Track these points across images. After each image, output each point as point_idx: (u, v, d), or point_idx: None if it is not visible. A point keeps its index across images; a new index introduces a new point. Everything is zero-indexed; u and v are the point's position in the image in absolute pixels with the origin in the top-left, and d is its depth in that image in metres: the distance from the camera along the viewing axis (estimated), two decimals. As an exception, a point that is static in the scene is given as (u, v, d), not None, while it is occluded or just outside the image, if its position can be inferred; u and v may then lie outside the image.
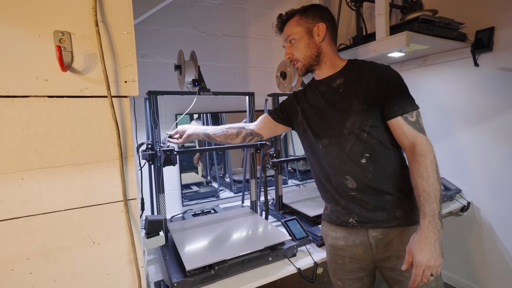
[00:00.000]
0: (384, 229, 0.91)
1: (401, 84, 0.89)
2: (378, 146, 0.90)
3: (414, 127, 0.85)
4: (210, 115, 1.78)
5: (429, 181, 0.80)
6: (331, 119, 0.96)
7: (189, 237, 1.12)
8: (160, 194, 1.16)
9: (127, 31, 0.72)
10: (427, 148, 0.83)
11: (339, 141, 0.94)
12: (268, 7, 1.96)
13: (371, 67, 0.93)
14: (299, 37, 0.98)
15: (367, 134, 0.90)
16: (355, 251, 0.96)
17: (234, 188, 1.87)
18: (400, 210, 0.90)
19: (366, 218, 0.92)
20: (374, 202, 0.91)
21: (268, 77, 1.97)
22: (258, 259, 1.00)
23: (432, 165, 0.81)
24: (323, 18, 0.98)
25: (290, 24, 1.01)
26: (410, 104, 0.87)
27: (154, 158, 1.13)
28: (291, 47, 1.01)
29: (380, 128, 0.91)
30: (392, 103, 0.87)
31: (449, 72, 1.72)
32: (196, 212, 1.48)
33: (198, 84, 1.17)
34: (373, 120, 0.90)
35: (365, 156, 0.91)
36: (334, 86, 0.97)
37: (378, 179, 0.90)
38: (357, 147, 0.91)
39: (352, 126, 0.91)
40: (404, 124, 0.86)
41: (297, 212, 1.40)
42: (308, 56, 0.98)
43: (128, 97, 0.75)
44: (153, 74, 1.59)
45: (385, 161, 0.91)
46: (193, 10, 1.69)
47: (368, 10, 2.06)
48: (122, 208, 0.74)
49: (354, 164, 0.92)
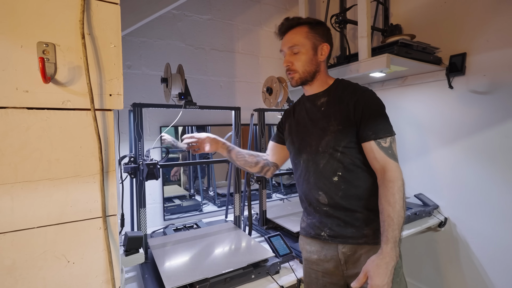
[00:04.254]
0: (352, 246, 0.92)
1: (378, 109, 0.91)
2: (351, 166, 0.93)
3: (386, 152, 0.87)
4: (195, 128, 1.77)
5: (395, 208, 0.82)
6: (311, 136, 1.00)
7: (170, 253, 1.09)
8: (141, 208, 1.13)
9: (114, 45, 0.72)
10: (396, 174, 0.85)
11: (315, 158, 0.98)
12: (256, 24, 2.01)
13: (353, 89, 0.96)
14: (305, 50, 0.98)
15: (341, 154, 0.93)
16: (326, 265, 0.98)
17: (218, 201, 1.85)
18: (368, 228, 0.92)
19: (337, 233, 0.94)
20: (345, 218, 0.93)
21: (254, 92, 1.99)
22: (241, 276, 0.98)
23: (399, 192, 0.83)
24: (328, 38, 1.01)
25: (298, 32, 0.99)
26: (384, 129, 0.88)
27: (136, 172, 1.11)
28: (291, 55, 1.00)
29: (354, 149, 0.93)
30: (366, 127, 0.89)
31: (426, 92, 1.82)
32: (178, 227, 1.44)
33: (184, 97, 1.16)
34: (347, 141, 0.92)
35: (338, 174, 0.94)
36: (318, 104, 1.01)
37: (348, 197, 0.93)
38: (330, 165, 0.95)
39: (327, 145, 0.94)
40: (376, 148, 0.88)
41: (281, 228, 1.39)
42: (307, 71, 0.99)
43: (112, 110, 0.73)
44: (138, 85, 1.58)
45: (357, 180, 0.93)
46: (181, 24, 1.71)
47: (352, 31, 2.16)
48: (100, 225, 0.71)
49: (327, 181, 0.95)
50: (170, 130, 1.72)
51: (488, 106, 1.52)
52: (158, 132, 1.62)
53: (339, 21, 1.84)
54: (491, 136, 1.52)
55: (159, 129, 1.62)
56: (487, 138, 1.54)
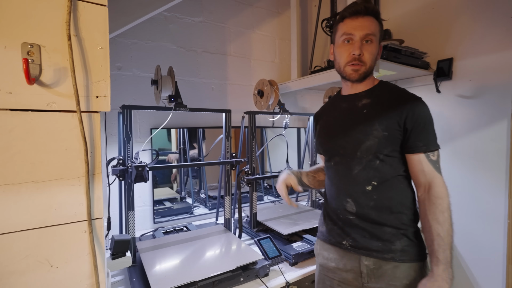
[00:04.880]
0: (377, 260, 0.85)
1: (429, 121, 0.84)
2: (388, 176, 0.86)
3: (434, 166, 0.82)
4: (187, 130, 1.77)
5: (445, 226, 0.78)
6: (346, 139, 0.91)
7: (158, 257, 1.08)
8: (129, 211, 1.12)
9: (102, 47, 0.71)
10: (444, 191, 0.81)
11: (348, 162, 0.90)
12: (248, 27, 2.02)
13: (404, 95, 0.88)
14: (376, 43, 0.88)
15: (380, 162, 0.86)
16: (344, 275, 0.91)
17: (209, 204, 1.84)
18: (398, 243, 0.85)
19: (361, 244, 0.87)
20: (371, 230, 0.86)
21: (246, 95, 2.00)
22: (230, 279, 0.98)
23: (448, 210, 0.80)
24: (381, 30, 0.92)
25: (374, 21, 0.87)
26: (434, 142, 0.84)
27: (125, 174, 1.10)
28: (365, 45, 0.87)
29: (395, 159, 0.86)
30: (417, 138, 0.83)
31: (415, 97, 1.85)
32: (168, 230, 1.43)
33: (174, 100, 1.16)
34: (390, 149, 0.85)
35: (372, 184, 0.86)
36: (359, 106, 0.91)
37: (380, 209, 0.86)
38: (365, 173, 0.87)
39: (368, 150, 0.86)
40: (425, 161, 0.82)
41: (271, 230, 1.40)
42: (372, 66, 0.90)
43: (99, 112, 0.73)
44: (129, 87, 1.56)
45: (392, 191, 0.86)
46: (173, 26, 1.70)
47: (342, 36, 2.19)
48: (85, 228, 0.70)
49: (358, 189, 0.88)
50: (162, 132, 1.71)
51: (474, 110, 1.56)
52: (148, 134, 1.60)
53: (329, 25, 1.87)
54: (477, 139, 1.56)
55: (150, 131, 1.61)
56: (473, 141, 1.58)
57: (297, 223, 1.42)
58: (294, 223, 1.42)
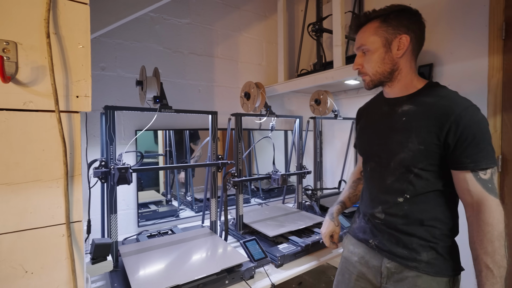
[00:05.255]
0: (400, 265, 0.83)
1: (481, 133, 0.73)
2: (423, 190, 0.80)
3: (484, 186, 0.72)
4: (173, 132, 1.75)
5: (495, 258, 0.69)
6: (382, 146, 0.88)
7: (141, 261, 1.06)
8: (112, 215, 1.09)
9: (83, 45, 0.70)
10: (497, 216, 0.71)
11: (382, 172, 0.87)
12: (235, 30, 2.03)
13: (450, 102, 0.77)
14: (374, 48, 0.84)
15: (415, 176, 0.80)
16: (365, 271, 0.91)
17: (195, 207, 1.82)
18: (424, 255, 0.80)
19: (386, 247, 0.86)
20: (399, 236, 0.84)
21: (233, 97, 2.00)
22: (214, 282, 0.97)
23: (501, 239, 0.70)
24: (408, 28, 0.82)
25: (366, 30, 0.86)
26: (487, 159, 0.72)
27: (107, 176, 1.07)
28: (362, 57, 0.88)
29: (432, 173, 0.79)
30: (463, 154, 0.73)
31: (398, 100, 1.91)
32: (152, 233, 1.40)
33: (159, 101, 1.15)
34: (426, 163, 0.79)
35: (405, 196, 0.82)
36: (399, 112, 0.85)
37: (410, 221, 0.82)
38: (398, 184, 0.83)
39: (400, 163, 0.82)
40: (472, 180, 0.73)
41: (257, 232, 1.39)
42: (379, 72, 0.85)
43: (79, 112, 0.71)
44: (113, 88, 1.53)
45: (425, 205, 0.81)
46: (159, 27, 1.69)
47: (329, 40, 2.23)
48: (63, 232, 0.68)
49: (390, 199, 0.85)
50: (148, 134, 1.68)
51: (453, 114, 1.62)
52: (133, 135, 1.58)
53: (315, 30, 1.90)
54: (455, 142, 1.61)
55: (134, 132, 1.58)
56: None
57: (283, 225, 1.42)
58: (281, 225, 1.43)
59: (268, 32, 2.23)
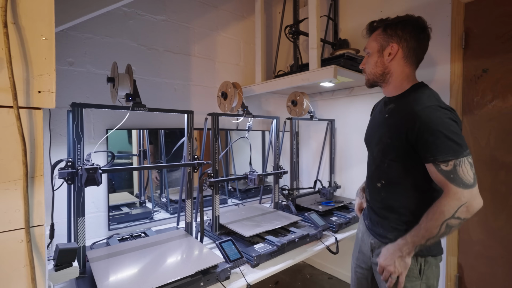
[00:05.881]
0: (378, 241, 1.03)
1: (437, 130, 0.82)
2: (394, 179, 0.96)
3: (446, 176, 0.82)
4: (147, 132, 1.69)
5: (429, 223, 0.84)
6: (372, 138, 1.07)
7: (111, 266, 1.01)
8: (79, 218, 1.03)
9: (46, 37, 0.65)
10: (448, 201, 0.82)
11: (371, 160, 1.08)
12: (213, 29, 2.01)
13: (413, 105, 0.89)
14: (372, 52, 1.01)
15: (387, 165, 0.97)
16: (362, 246, 1.13)
17: (170, 208, 1.77)
18: (393, 235, 0.97)
19: (370, 227, 1.08)
20: (377, 219, 1.03)
21: (210, 96, 1.98)
22: (189, 285, 0.95)
23: (441, 216, 0.82)
24: (401, 37, 0.94)
25: (372, 36, 1.02)
26: (445, 152, 0.81)
27: (74, 177, 1.01)
28: (367, 58, 1.05)
29: (400, 165, 0.93)
30: (423, 149, 0.85)
31: (369, 102, 1.98)
32: (124, 237, 1.35)
33: (132, 99, 1.10)
34: (394, 156, 0.93)
35: (381, 182, 1.00)
36: (385, 110, 1.02)
37: (385, 206, 1.00)
38: (377, 172, 1.02)
39: (378, 152, 1.00)
40: (435, 171, 0.84)
41: (234, 233, 1.39)
42: (373, 73, 1.01)
43: (42, 109, 0.66)
44: (82, 84, 1.46)
45: (397, 195, 0.97)
46: (133, 23, 1.63)
47: (305, 43, 2.28)
48: (22, 237, 0.63)
49: (372, 185, 1.05)
50: (121, 134, 1.61)
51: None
52: (103, 134, 1.50)
53: (292, 32, 1.93)
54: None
55: (105, 131, 1.51)
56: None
57: (259, 225, 1.43)
58: (257, 225, 1.43)
59: (246, 33, 2.23)
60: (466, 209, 0.81)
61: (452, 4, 1.56)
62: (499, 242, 1.45)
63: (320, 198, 1.99)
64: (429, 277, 0.94)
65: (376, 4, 1.92)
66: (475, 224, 1.52)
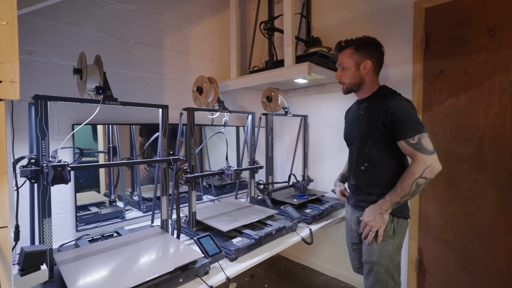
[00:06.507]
0: (362, 212, 1.27)
1: (404, 114, 1.12)
2: (374, 161, 1.23)
3: (414, 147, 1.10)
4: (117, 127, 1.61)
5: (403, 184, 1.11)
6: (352, 132, 1.34)
7: (82, 267, 0.96)
8: (44, 219, 0.96)
9: (7, 22, 0.60)
10: (417, 164, 1.09)
11: (353, 149, 1.33)
12: (186, 22, 1.96)
13: (384, 99, 1.19)
14: (349, 67, 1.26)
15: (368, 150, 1.24)
16: (351, 224, 1.39)
17: (143, 207, 1.71)
18: None
19: (356, 203, 1.33)
20: (363, 196, 1.29)
21: (184, 91, 1.93)
22: (168, 282, 0.93)
23: (412, 176, 1.10)
24: (372, 55, 1.23)
25: (344, 53, 1.27)
26: (411, 130, 1.10)
27: (38, 176, 0.94)
28: (341, 71, 1.29)
29: (379, 148, 1.21)
30: (396, 130, 1.13)
31: (340, 99, 2.07)
32: (94, 237, 1.28)
33: (102, 92, 1.05)
34: (373, 140, 1.21)
35: (364, 165, 1.26)
36: (361, 108, 1.30)
37: (370, 183, 1.25)
38: (360, 157, 1.27)
39: (359, 141, 1.26)
40: (405, 145, 1.12)
41: (211, 228, 1.38)
42: (351, 83, 1.28)
43: (3, 100, 0.61)
44: (44, 75, 1.35)
45: (378, 172, 1.23)
46: (101, 11, 1.54)
47: (279, 39, 2.31)
48: (-16, 240, 0.58)
49: (357, 169, 1.29)
50: (85, 129, 1.52)
51: (386, 113, 1.83)
52: (69, 130, 1.41)
53: (267, 28, 1.95)
54: (388, 138, 1.83)
55: (71, 127, 1.42)
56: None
57: (237, 219, 1.44)
58: (234, 219, 1.44)
59: (221, 27, 2.21)
60: (430, 170, 1.09)
61: (414, 8, 1.67)
62: (452, 226, 1.61)
63: (295, 192, 2.05)
64: (399, 236, 1.22)
65: (346, 5, 2.00)
66: (433, 210, 1.67)
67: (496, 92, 1.45)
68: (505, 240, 1.45)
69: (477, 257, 1.54)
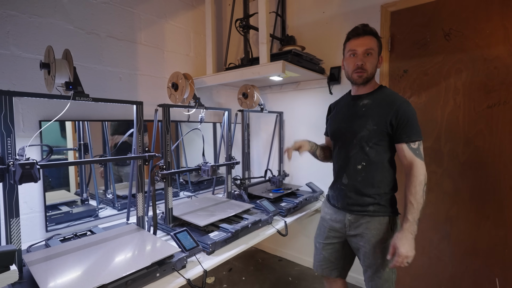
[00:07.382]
0: (356, 216, 1.20)
1: (413, 118, 1.11)
2: (374, 160, 1.17)
3: (414, 152, 1.10)
4: (88, 124, 1.56)
5: (416, 197, 1.06)
6: (348, 128, 1.22)
7: (55, 267, 0.94)
8: (12, 219, 0.93)
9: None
10: (419, 171, 1.07)
11: (347, 146, 1.23)
12: (161, 16, 1.93)
13: (394, 98, 1.15)
14: (375, 54, 1.17)
15: (369, 148, 1.17)
16: (334, 225, 1.29)
17: (118, 204, 1.69)
18: (371, 206, 1.18)
19: (347, 206, 1.23)
20: (356, 198, 1.20)
21: (159, 87, 1.91)
22: (145, 277, 0.95)
23: (420, 185, 1.06)
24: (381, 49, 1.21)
25: (372, 39, 1.16)
26: (415, 135, 1.10)
27: (4, 174, 0.91)
28: (366, 57, 1.17)
29: (381, 147, 1.16)
30: (402, 132, 1.11)
31: (314, 96, 2.15)
32: (66, 237, 1.25)
33: (73, 87, 1.02)
34: (377, 139, 1.15)
35: (362, 164, 1.19)
36: (360, 104, 1.22)
37: (365, 184, 1.18)
38: (358, 155, 1.19)
39: (361, 139, 1.18)
40: (407, 149, 1.10)
41: (188, 224, 1.40)
42: (372, 73, 1.19)
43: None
44: (6, 69, 1.28)
45: (376, 172, 1.17)
46: (68, 2, 1.47)
47: (255, 37, 2.34)
48: (-51, 241, 0.56)
49: (352, 167, 1.21)
50: (52, 126, 1.46)
51: (355, 110, 1.93)
52: (36, 127, 1.35)
53: (242, 26, 1.97)
54: (357, 134, 1.93)
55: (39, 123, 1.36)
56: (355, 135, 1.95)
57: (213, 214, 1.47)
58: (211, 214, 1.46)
59: (196, 23, 2.19)
60: (426, 176, 1.09)
61: (381, 11, 1.78)
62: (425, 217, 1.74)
63: (271, 186, 2.11)
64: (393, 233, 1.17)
65: (319, 5, 2.07)
66: (398, 201, 1.80)
67: (451, 92, 1.59)
68: (457, 225, 1.61)
69: (434, 241, 1.69)
